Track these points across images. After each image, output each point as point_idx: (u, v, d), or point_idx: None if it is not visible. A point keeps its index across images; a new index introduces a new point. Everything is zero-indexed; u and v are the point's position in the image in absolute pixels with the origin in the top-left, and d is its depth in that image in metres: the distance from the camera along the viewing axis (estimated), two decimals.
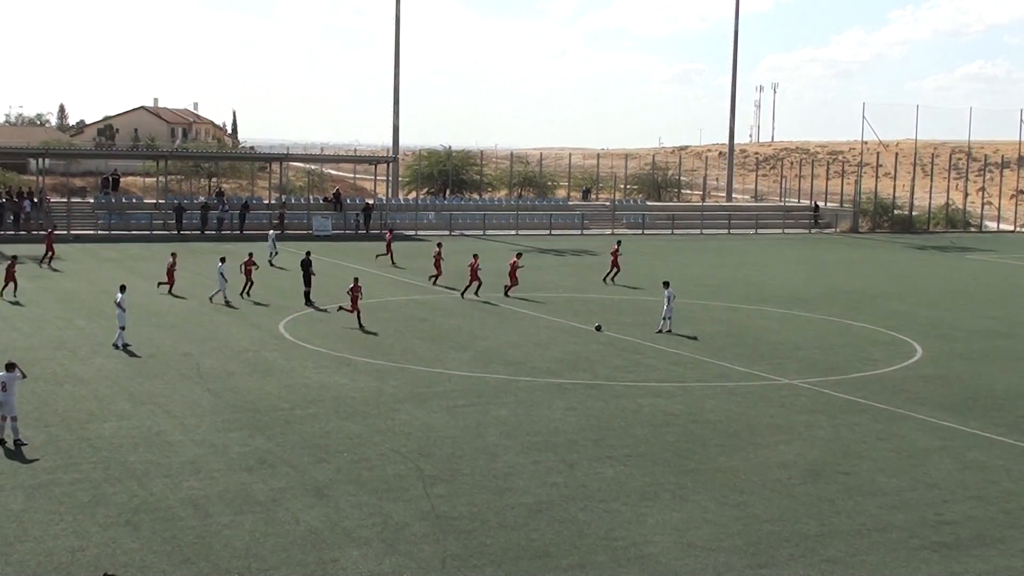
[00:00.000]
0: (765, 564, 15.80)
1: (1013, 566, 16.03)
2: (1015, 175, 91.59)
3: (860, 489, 19.24)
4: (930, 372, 29.67)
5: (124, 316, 29.86)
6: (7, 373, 20.56)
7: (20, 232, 60.89)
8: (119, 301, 29.82)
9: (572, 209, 79.20)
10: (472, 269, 41.33)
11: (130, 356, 28.67)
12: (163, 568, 15.04)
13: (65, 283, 42.98)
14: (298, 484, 18.66)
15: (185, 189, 77.63)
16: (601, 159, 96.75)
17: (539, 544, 16.28)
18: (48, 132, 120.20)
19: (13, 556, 15.29)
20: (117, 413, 22.98)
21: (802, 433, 22.93)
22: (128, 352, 29.07)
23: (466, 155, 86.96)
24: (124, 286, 30.87)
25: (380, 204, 73.75)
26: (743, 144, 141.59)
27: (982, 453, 21.80)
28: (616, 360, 29.76)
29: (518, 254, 43.62)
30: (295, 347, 30.60)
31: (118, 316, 29.85)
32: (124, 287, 30.73)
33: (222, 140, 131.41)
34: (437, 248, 45.44)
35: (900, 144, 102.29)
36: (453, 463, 20.07)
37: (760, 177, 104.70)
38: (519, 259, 42.34)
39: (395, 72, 78.53)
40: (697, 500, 18.42)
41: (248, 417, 22.89)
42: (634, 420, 23.49)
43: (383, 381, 26.55)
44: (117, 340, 29.72)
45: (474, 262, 41.48)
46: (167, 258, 40.94)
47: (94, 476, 18.78)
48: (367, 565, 15.34)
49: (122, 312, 29.77)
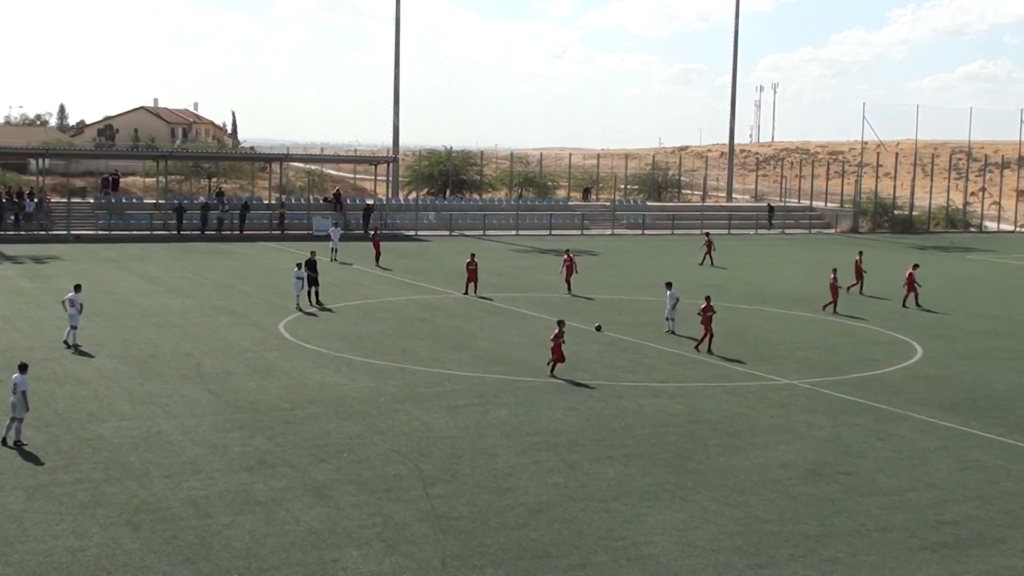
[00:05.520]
0: (765, 564, 15.80)
1: (1013, 566, 16.03)
2: (1015, 175, 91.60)
3: (860, 489, 19.24)
4: (930, 372, 29.67)
5: (77, 316, 30.00)
6: (22, 375, 20.63)
7: (20, 232, 60.90)
8: (72, 299, 30.04)
9: (572, 209, 79.20)
10: (470, 270, 41.50)
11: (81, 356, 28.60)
12: (163, 568, 15.04)
13: (65, 283, 42.84)
14: (298, 484, 18.66)
15: (185, 189, 77.65)
16: (601, 159, 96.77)
17: (539, 544, 16.28)
18: (48, 132, 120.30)
19: (13, 556, 15.28)
20: (117, 413, 22.98)
21: (802, 433, 22.93)
22: (80, 352, 29.03)
23: (466, 155, 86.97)
24: (79, 285, 31.14)
25: (380, 204, 73.78)
26: (743, 144, 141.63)
27: (982, 453, 21.80)
28: (616, 360, 29.76)
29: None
30: (295, 347, 30.60)
31: (70, 316, 29.98)
32: (79, 286, 30.95)
33: (222, 140, 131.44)
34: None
35: (900, 144, 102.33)
36: (453, 463, 20.07)
37: (760, 177, 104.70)
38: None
39: (395, 72, 78.60)
40: (697, 500, 18.42)
41: (248, 417, 22.89)
42: (634, 420, 23.49)
43: (383, 381, 26.55)
44: (68, 337, 29.84)
45: (472, 262, 41.63)
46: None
47: (94, 476, 18.78)
48: (367, 565, 15.33)
49: (75, 312, 29.91)
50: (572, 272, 43.24)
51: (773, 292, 44.93)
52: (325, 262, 46.32)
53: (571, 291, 42.46)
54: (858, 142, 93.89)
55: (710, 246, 55.81)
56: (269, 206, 70.39)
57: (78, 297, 30.23)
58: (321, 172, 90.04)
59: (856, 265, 45.31)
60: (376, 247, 51.73)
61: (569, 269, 43.19)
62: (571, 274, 43.11)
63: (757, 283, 48.21)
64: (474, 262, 41.91)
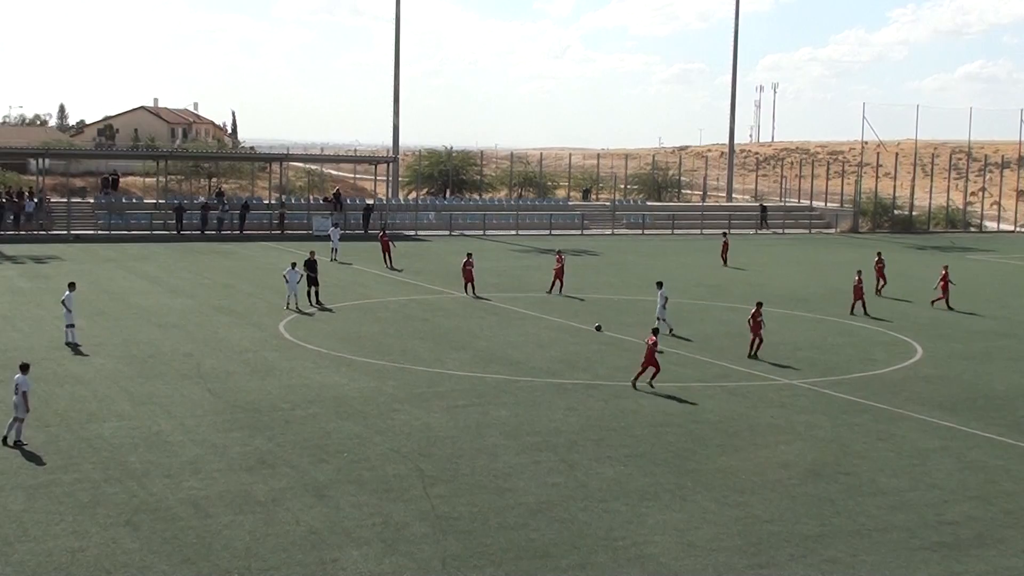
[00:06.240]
0: (765, 564, 15.80)
1: (1013, 566, 16.02)
2: (1015, 175, 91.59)
3: (860, 489, 19.24)
4: (930, 372, 29.66)
5: (71, 315, 30.09)
6: (23, 375, 20.63)
7: (20, 232, 60.89)
8: (64, 299, 30.15)
9: (572, 209, 79.20)
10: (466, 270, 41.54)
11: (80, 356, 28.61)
12: (163, 568, 15.04)
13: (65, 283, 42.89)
14: (298, 484, 18.66)
15: (185, 189, 77.64)
16: (601, 159, 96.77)
17: (539, 544, 16.28)
18: (48, 132, 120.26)
19: (13, 556, 15.28)
20: (117, 413, 22.98)
21: (802, 433, 22.93)
22: (78, 351, 29.06)
23: (466, 155, 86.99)
24: (73, 283, 31.30)
25: (380, 204, 73.77)
26: (743, 144, 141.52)
27: (982, 453, 21.79)
28: (616, 360, 29.75)
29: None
30: (295, 347, 30.60)
31: (64, 315, 30.09)
32: (73, 284, 31.10)
33: (222, 140, 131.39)
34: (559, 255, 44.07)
35: (900, 144, 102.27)
36: (453, 463, 20.07)
37: (760, 177, 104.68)
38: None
39: (395, 72, 78.59)
40: (697, 500, 18.41)
41: (248, 417, 22.88)
42: (634, 420, 23.48)
43: (383, 381, 26.54)
44: (68, 337, 29.94)
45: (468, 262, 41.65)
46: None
47: (94, 476, 18.78)
48: (367, 565, 15.33)
49: (68, 312, 30.01)
50: (562, 273, 43.08)
51: (773, 292, 44.89)
52: (325, 262, 46.32)
53: (561, 291, 42.24)
54: (858, 142, 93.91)
55: (726, 247, 56.04)
56: (269, 206, 70.39)
57: (71, 296, 30.33)
58: (321, 172, 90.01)
59: (877, 266, 45.35)
60: (386, 248, 50.97)
61: (559, 270, 42.96)
62: (562, 274, 43.01)
63: (757, 283, 48.19)
64: (470, 262, 41.91)
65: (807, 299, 42.67)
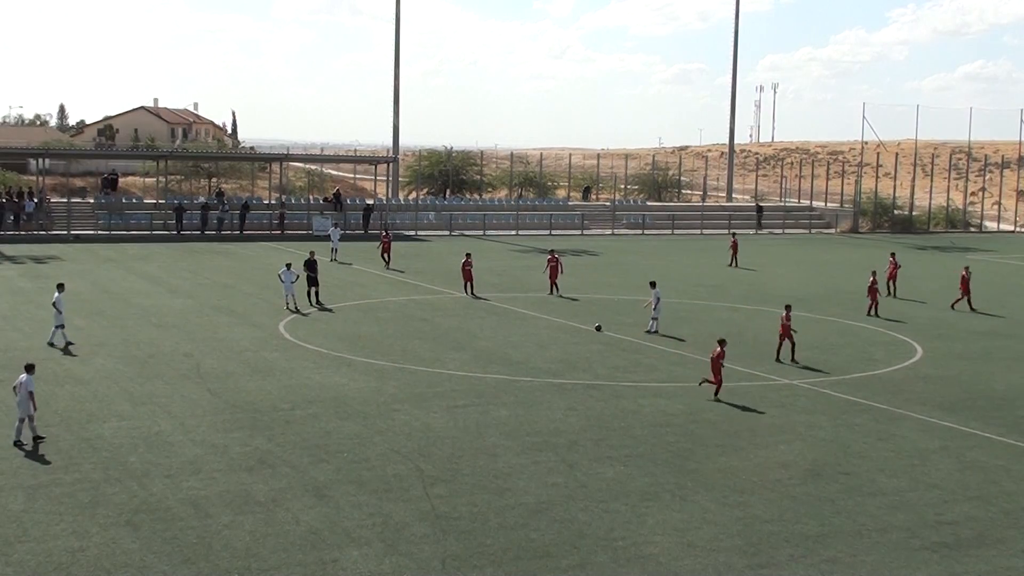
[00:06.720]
0: (765, 564, 15.80)
1: (1013, 566, 16.03)
2: (1015, 175, 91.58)
3: (860, 489, 19.24)
4: (930, 372, 29.66)
5: (61, 316, 30.05)
6: (28, 376, 20.63)
7: (20, 232, 60.90)
8: (54, 301, 30.13)
9: (572, 209, 79.19)
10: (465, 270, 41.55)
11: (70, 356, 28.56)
12: (163, 568, 15.04)
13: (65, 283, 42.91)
14: (298, 484, 18.66)
15: (185, 189, 77.63)
16: (601, 159, 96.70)
17: (539, 544, 16.28)
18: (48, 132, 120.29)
19: (13, 556, 15.28)
20: (117, 413, 22.98)
21: (802, 433, 22.93)
22: (69, 352, 29.01)
23: (466, 155, 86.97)
24: (62, 284, 31.25)
25: (380, 204, 73.76)
26: (743, 144, 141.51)
27: (982, 453, 21.80)
28: (616, 360, 29.75)
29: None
30: (295, 347, 30.60)
31: (55, 316, 30.06)
32: (62, 286, 31.06)
33: (222, 140, 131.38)
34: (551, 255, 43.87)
35: (900, 144, 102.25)
36: (453, 463, 20.07)
37: (760, 177, 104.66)
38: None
39: (395, 72, 78.59)
40: (697, 500, 18.42)
41: (248, 417, 22.89)
42: (634, 420, 23.48)
43: (383, 381, 26.55)
44: (53, 339, 29.88)
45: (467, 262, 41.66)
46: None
47: (94, 476, 18.78)
48: (367, 565, 15.33)
49: (58, 313, 29.99)
50: (557, 273, 42.99)
51: (773, 292, 44.89)
52: (325, 262, 46.33)
53: (557, 292, 42.22)
54: (858, 142, 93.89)
55: (735, 247, 56.10)
56: (269, 206, 70.39)
57: (60, 297, 30.32)
58: (321, 172, 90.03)
59: (891, 268, 45.34)
60: (387, 249, 50.90)
61: (554, 270, 42.86)
62: (556, 275, 42.95)
63: (757, 283, 48.20)
64: (469, 262, 41.93)
65: (807, 299, 42.65)
